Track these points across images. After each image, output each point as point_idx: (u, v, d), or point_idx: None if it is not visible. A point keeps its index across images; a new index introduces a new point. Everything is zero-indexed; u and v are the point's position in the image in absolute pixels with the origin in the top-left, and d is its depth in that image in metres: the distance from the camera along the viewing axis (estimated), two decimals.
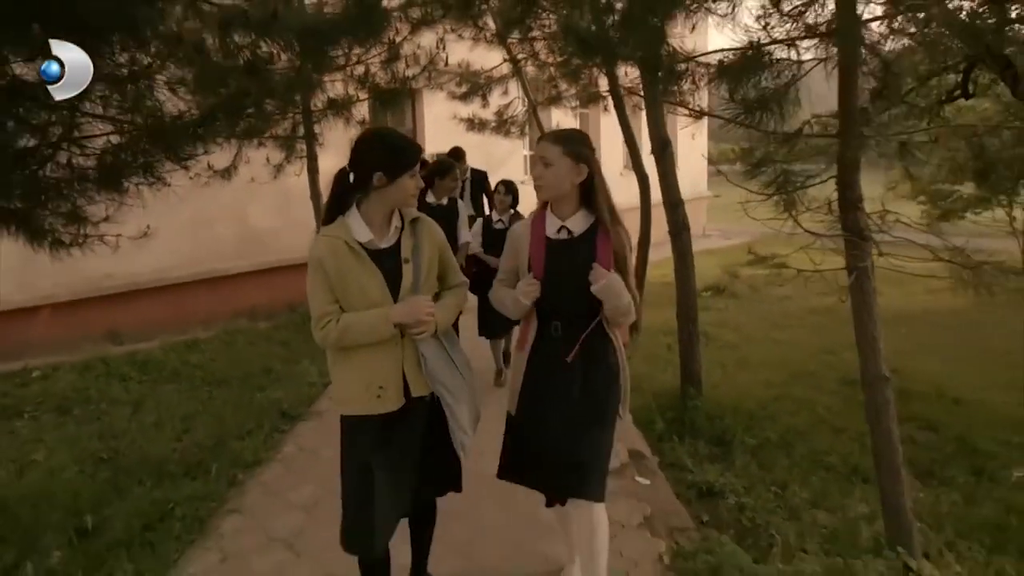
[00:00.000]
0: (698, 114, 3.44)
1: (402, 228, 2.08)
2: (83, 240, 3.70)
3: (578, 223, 2.12)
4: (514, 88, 8.26)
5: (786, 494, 3.81)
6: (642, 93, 4.22)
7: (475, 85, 8.01)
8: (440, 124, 9.22)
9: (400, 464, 2.06)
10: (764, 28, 2.81)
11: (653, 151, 4.41)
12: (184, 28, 3.22)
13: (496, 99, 8.27)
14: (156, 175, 3.40)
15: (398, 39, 6.27)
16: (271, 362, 5.48)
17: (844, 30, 2.46)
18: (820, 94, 3.47)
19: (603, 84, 6.74)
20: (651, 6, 2.82)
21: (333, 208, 2.04)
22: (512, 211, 4.73)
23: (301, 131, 6.30)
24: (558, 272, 2.09)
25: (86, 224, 3.61)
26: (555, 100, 7.10)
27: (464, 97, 8.10)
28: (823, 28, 2.59)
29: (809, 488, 3.94)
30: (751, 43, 2.70)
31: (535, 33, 6.32)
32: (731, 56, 2.77)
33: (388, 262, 2.02)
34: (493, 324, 4.75)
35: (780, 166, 2.97)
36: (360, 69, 6.37)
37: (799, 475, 4.11)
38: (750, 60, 2.73)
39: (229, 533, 2.78)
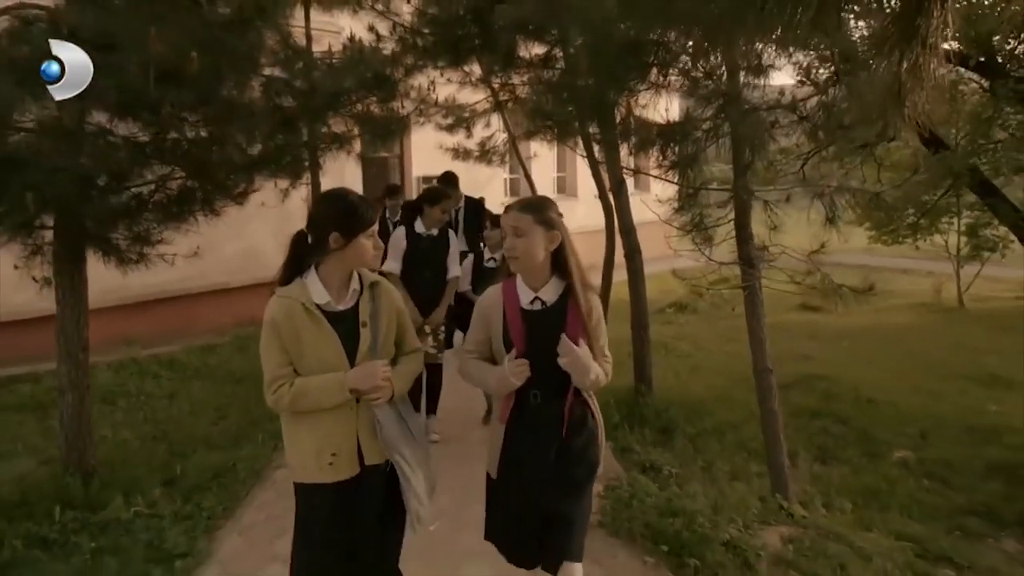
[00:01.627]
0: (632, 171, 4.57)
1: (360, 291, 2.10)
2: (145, 257, 4.72)
3: (550, 292, 2.14)
4: (496, 121, 9.39)
5: (712, 469, 4.89)
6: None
7: (460, 118, 9.13)
8: (426, 151, 10.31)
9: (354, 537, 2.08)
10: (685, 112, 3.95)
11: (611, 189, 5.54)
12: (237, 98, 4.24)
13: (479, 131, 9.41)
14: (212, 208, 4.44)
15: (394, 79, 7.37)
16: None
17: (735, 123, 3.58)
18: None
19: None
20: (602, 93, 3.94)
21: (291, 269, 2.06)
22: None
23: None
24: (535, 343, 2.09)
25: (150, 244, 4.63)
26: (532, 134, 8.24)
27: (450, 128, 9.21)
28: (721, 115, 3.71)
29: (731, 465, 5.02)
30: (669, 121, 3.83)
31: (514, 80, 7.45)
32: (656, 129, 3.90)
33: (345, 325, 2.04)
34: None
35: (697, 210, 4.09)
36: (360, 107, 7.45)
37: (726, 456, 5.20)
38: (671, 132, 3.86)
39: (280, 479, 3.80)
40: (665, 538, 3.19)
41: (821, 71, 3.32)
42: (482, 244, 5.69)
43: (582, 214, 12.48)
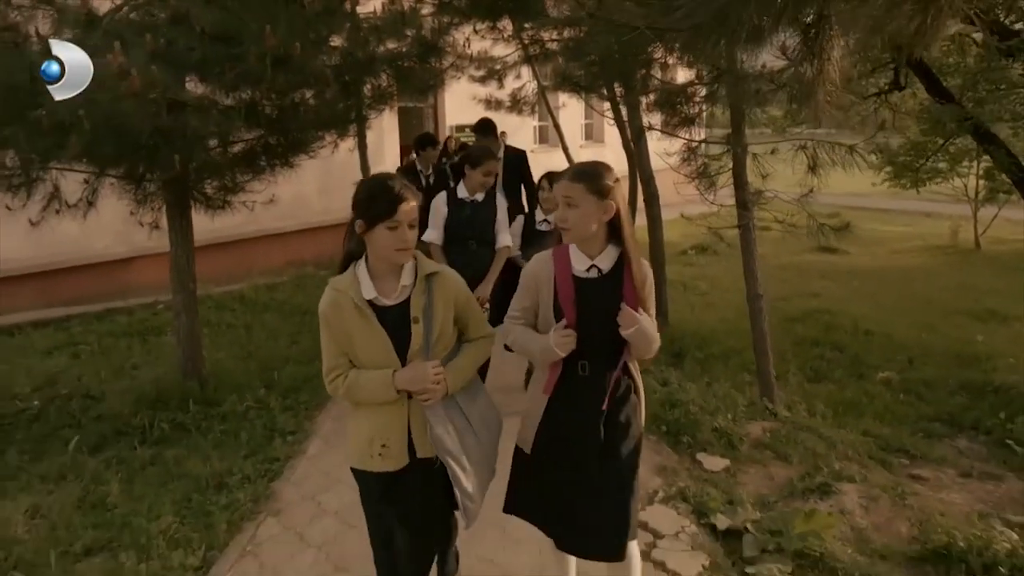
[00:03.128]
0: (647, 128, 5.39)
1: (414, 284, 2.07)
2: (229, 204, 5.68)
3: (606, 259, 2.10)
4: (526, 73, 10.13)
5: (714, 386, 5.82)
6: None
7: (492, 70, 9.88)
8: (459, 101, 11.10)
9: (408, 522, 2.15)
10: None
11: (632, 139, 6.36)
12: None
13: (510, 82, 10.16)
14: (288, 162, 5.37)
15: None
16: None
17: (729, 91, 4.37)
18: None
19: None
20: (624, 56, 4.72)
21: (345, 256, 2.11)
22: None
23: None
24: (588, 312, 2.07)
25: (234, 193, 5.58)
26: (560, 87, 8.98)
27: (482, 80, 9.98)
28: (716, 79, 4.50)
29: (733, 383, 5.94)
30: (679, 85, 4.63)
31: (543, 36, 8.18)
32: (666, 92, 4.71)
33: (396, 321, 2.03)
34: None
35: (701, 161, 4.92)
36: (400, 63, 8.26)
37: (728, 375, 6.11)
38: (675, 95, 4.67)
39: None
40: (665, 422, 4.15)
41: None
42: (530, 200, 5.46)
43: (609, 160, 13.19)
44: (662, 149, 5.34)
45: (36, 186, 4.62)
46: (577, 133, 14.75)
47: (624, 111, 6.75)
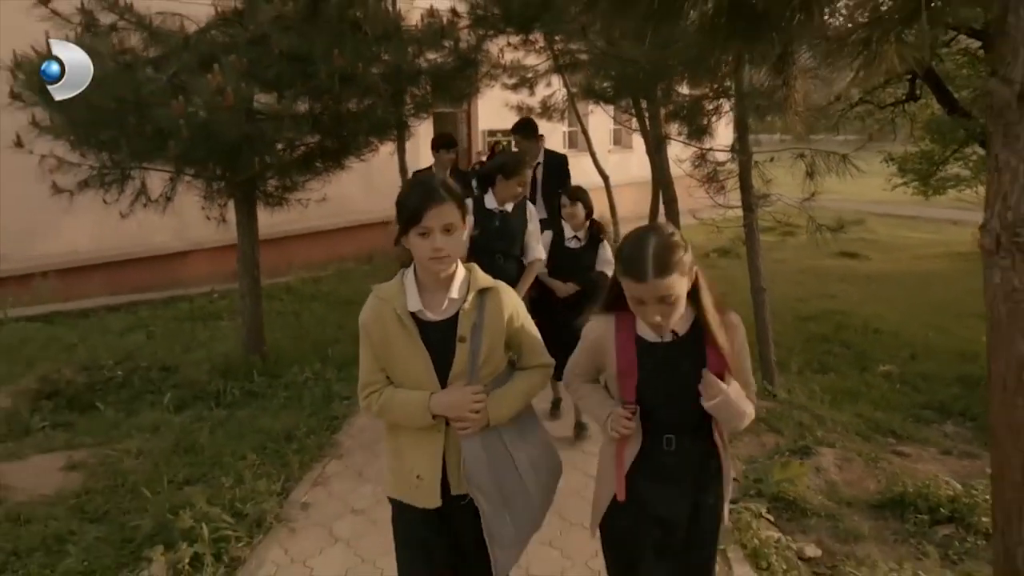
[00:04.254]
0: (662, 139, 6.07)
1: (465, 299, 1.92)
2: (287, 201, 6.46)
3: (684, 322, 1.90)
4: (556, 81, 10.84)
5: None
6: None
7: (523, 78, 10.61)
8: (492, 106, 11.85)
9: (433, 566, 2.01)
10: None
11: (650, 149, 7.03)
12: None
13: (541, 90, 10.88)
14: (341, 163, 6.14)
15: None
16: None
17: (738, 96, 5.04)
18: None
19: None
20: (644, 76, 5.42)
21: (401, 265, 2.02)
22: (589, 224, 4.14)
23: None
24: (666, 380, 1.90)
25: (292, 191, 6.37)
26: (587, 95, 9.65)
27: (514, 88, 10.71)
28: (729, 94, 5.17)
29: None
30: (694, 97, 5.31)
31: (573, 46, 8.90)
32: (684, 105, 5.39)
33: (441, 338, 1.90)
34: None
35: (712, 165, 5.59)
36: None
37: None
38: (694, 108, 5.34)
39: None
40: None
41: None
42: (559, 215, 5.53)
43: (636, 165, 13.93)
44: (676, 156, 6.01)
45: (127, 183, 5.46)
46: (606, 139, 15.39)
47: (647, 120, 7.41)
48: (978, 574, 2.85)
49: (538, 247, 4.04)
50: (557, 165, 5.76)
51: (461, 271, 1.97)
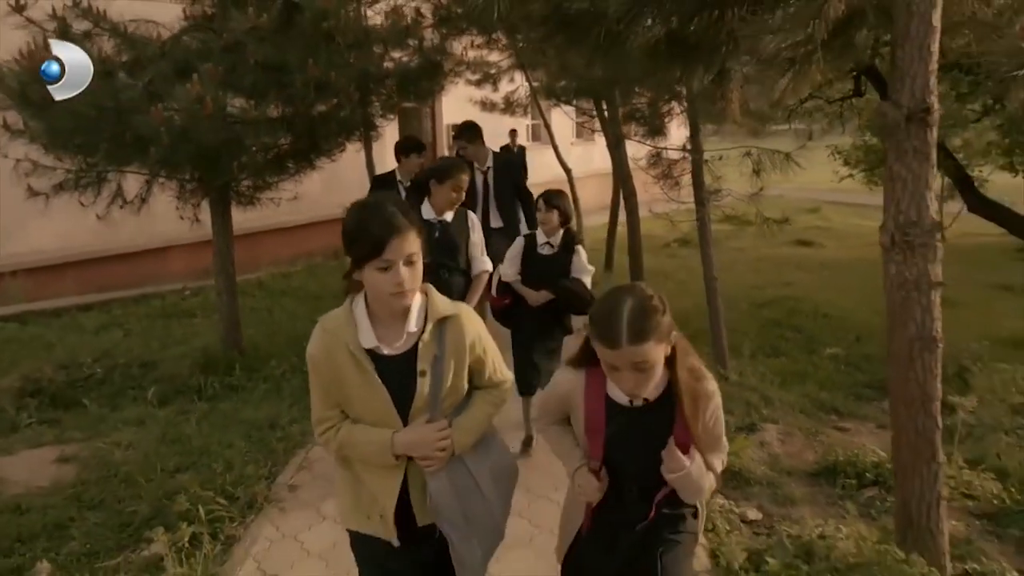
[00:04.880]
0: (621, 137, 6.46)
1: (423, 330, 1.83)
2: (258, 199, 6.71)
3: (656, 386, 1.86)
4: (519, 77, 11.18)
5: None
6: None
7: (487, 74, 10.94)
8: (456, 101, 12.13)
9: None
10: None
11: (610, 144, 7.43)
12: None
13: (504, 85, 11.22)
14: (312, 163, 6.41)
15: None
16: None
17: (689, 101, 5.44)
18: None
19: None
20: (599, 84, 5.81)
21: (346, 293, 1.88)
22: (563, 231, 4.00)
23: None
24: (633, 442, 1.89)
25: (263, 190, 6.62)
26: (550, 94, 10.04)
27: (478, 83, 11.03)
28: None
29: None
30: (649, 100, 5.71)
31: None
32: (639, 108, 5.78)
33: (399, 373, 1.82)
34: (527, 375, 4.01)
35: (667, 163, 6.00)
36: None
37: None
38: (648, 111, 5.74)
39: None
40: None
41: None
42: (529, 218, 5.22)
43: (599, 157, 14.33)
44: (633, 154, 6.41)
45: (103, 186, 5.67)
46: (569, 132, 15.77)
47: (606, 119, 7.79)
48: (890, 526, 3.29)
49: (484, 259, 3.93)
50: (507, 167, 5.47)
51: (418, 299, 1.85)
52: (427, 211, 3.78)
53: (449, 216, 3.82)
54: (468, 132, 5.24)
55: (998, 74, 2.79)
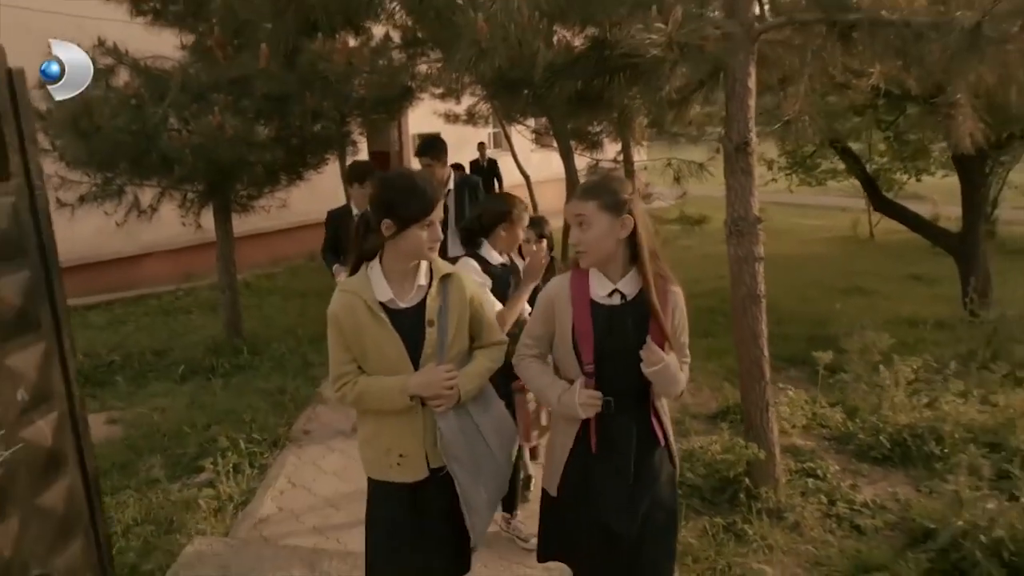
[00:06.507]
0: (570, 149, 7.81)
1: (430, 285, 2.15)
2: (251, 207, 7.89)
3: (630, 284, 2.02)
4: (480, 89, 12.48)
5: None
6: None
7: (450, 88, 12.22)
8: (422, 112, 13.39)
9: (429, 534, 2.20)
10: None
11: (561, 154, 8.77)
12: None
13: (467, 99, 12.51)
14: (300, 175, 7.62)
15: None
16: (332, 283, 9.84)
17: (620, 124, 6.80)
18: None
19: None
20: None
21: (356, 256, 2.18)
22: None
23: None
24: (611, 344, 2.01)
25: (255, 199, 7.79)
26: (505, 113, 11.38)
27: (442, 97, 12.31)
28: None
29: None
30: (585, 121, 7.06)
31: None
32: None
33: (410, 324, 2.11)
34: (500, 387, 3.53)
35: (602, 173, 7.34)
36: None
37: None
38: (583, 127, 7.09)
39: None
40: None
41: None
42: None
43: (556, 163, 15.57)
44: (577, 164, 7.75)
45: (122, 197, 6.83)
46: (529, 140, 17.11)
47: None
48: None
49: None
50: (471, 187, 5.18)
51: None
52: (491, 254, 3.27)
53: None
54: (432, 149, 4.80)
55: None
